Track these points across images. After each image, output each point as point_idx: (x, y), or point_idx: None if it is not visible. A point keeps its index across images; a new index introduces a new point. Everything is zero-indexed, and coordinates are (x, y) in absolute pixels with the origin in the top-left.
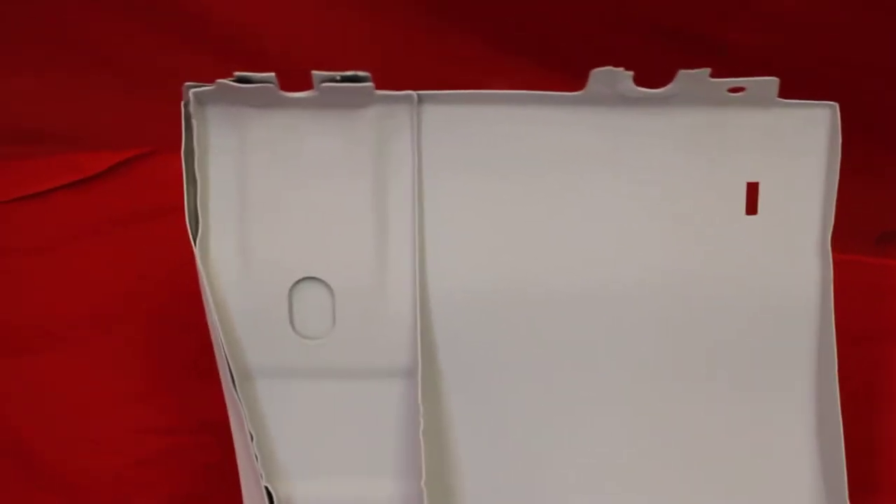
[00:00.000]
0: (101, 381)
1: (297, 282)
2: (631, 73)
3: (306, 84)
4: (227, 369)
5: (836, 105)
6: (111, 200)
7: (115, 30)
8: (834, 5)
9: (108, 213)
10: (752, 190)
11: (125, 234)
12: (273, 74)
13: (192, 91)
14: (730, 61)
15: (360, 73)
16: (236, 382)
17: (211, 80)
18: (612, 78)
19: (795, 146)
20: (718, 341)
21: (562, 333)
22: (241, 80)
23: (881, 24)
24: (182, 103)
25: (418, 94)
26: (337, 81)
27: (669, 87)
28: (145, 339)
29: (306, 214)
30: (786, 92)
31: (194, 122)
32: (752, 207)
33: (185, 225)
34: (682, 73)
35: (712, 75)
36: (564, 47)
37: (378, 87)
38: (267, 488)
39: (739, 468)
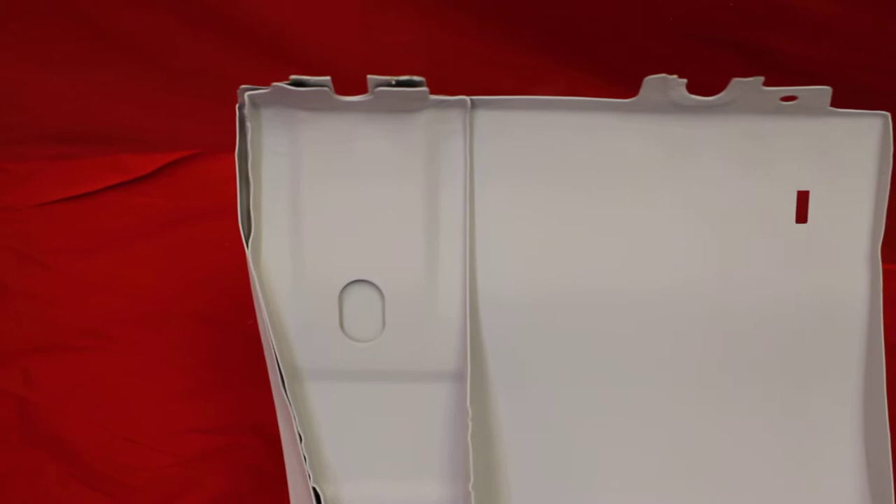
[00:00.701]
0: (148, 380)
1: (348, 284)
2: (684, 80)
3: (353, 88)
4: (277, 370)
5: (888, 115)
6: (158, 201)
7: (163, 33)
8: (884, 14)
9: (155, 213)
10: (803, 198)
11: (172, 235)
12: (328, 78)
13: (248, 94)
14: (779, 70)
15: (415, 78)
16: (286, 384)
17: (258, 84)
18: (664, 85)
19: (846, 155)
20: (767, 349)
21: (609, 339)
22: (296, 83)
23: None
24: (237, 106)
25: (472, 100)
26: (392, 86)
27: (722, 94)
28: (192, 340)
29: (358, 218)
30: (836, 101)
31: (248, 125)
32: (801, 216)
33: (231, 226)
34: (735, 81)
35: (765, 84)
36: (612, 55)
37: (428, 92)
38: (315, 489)
39: (786, 475)
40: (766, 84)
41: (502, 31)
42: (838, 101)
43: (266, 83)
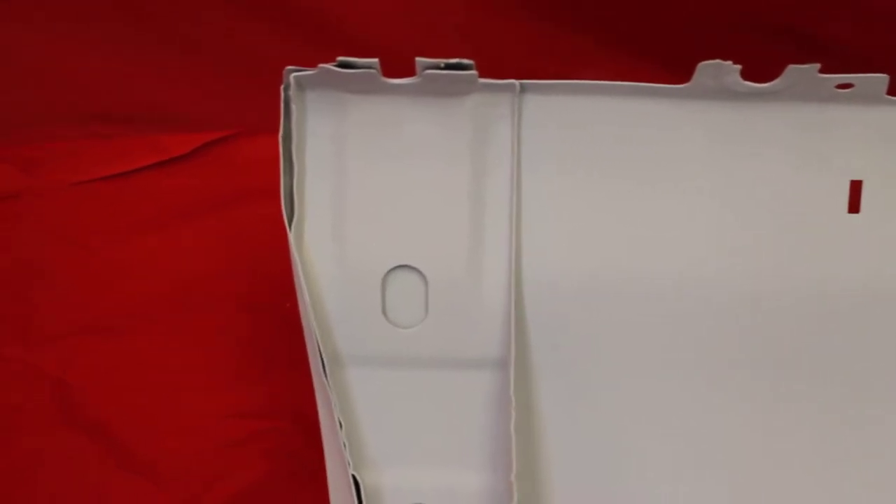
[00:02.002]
0: (187, 364)
1: (391, 270)
2: (738, 66)
3: (397, 70)
4: (318, 356)
5: None
6: (196, 181)
7: (203, 13)
8: None
9: (194, 194)
10: (856, 188)
11: (209, 217)
12: (376, 60)
13: (293, 75)
14: (832, 58)
15: (465, 61)
16: (327, 369)
17: (299, 64)
18: (718, 71)
19: None
20: (817, 343)
21: (657, 330)
22: (343, 65)
23: None
24: (282, 87)
25: (521, 84)
26: (440, 69)
27: (777, 81)
28: (233, 324)
29: (402, 202)
30: (894, 90)
31: (293, 107)
32: (854, 205)
33: (270, 209)
34: (791, 68)
35: (820, 72)
36: (662, 41)
37: (477, 76)
38: (354, 476)
39: (848, 470)
40: (821, 72)
41: (549, 14)
42: None
43: (307, 64)
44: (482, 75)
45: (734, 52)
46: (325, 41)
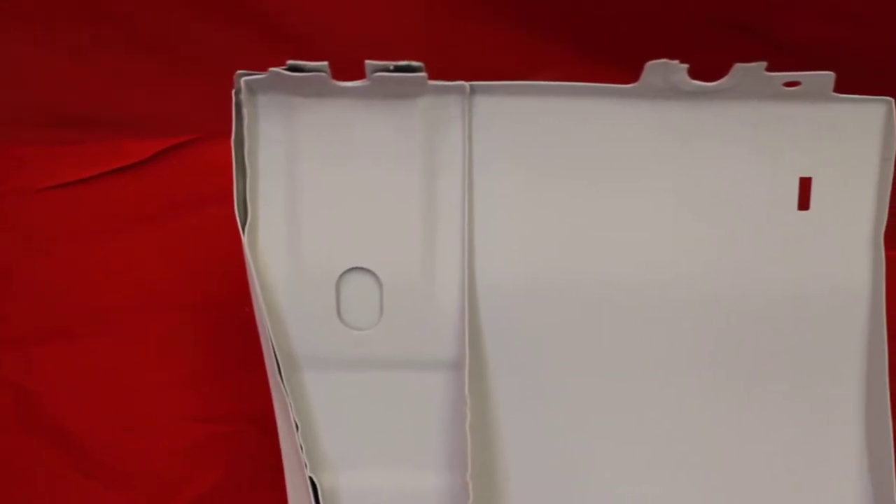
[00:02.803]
0: (146, 368)
1: (345, 272)
2: (685, 65)
3: (353, 73)
4: (274, 359)
5: (892, 100)
6: (157, 187)
7: (161, 16)
8: None
9: (154, 199)
10: (805, 185)
11: (171, 221)
12: (326, 63)
13: (244, 79)
14: (785, 55)
15: (413, 63)
16: (282, 372)
17: (257, 68)
18: (666, 70)
19: (850, 141)
20: (768, 337)
21: (609, 328)
22: (293, 68)
23: None
24: (233, 91)
25: (471, 85)
26: (390, 71)
27: (724, 80)
28: (191, 327)
29: (355, 205)
30: (844, 87)
31: (245, 111)
32: (804, 203)
33: (232, 212)
34: (737, 66)
35: (768, 69)
36: (616, 39)
37: (429, 78)
38: (311, 479)
39: (786, 465)
40: (773, 68)
41: (506, 16)
42: (850, 87)
43: (267, 68)
44: (440, 77)
45: (692, 51)
46: (285, 45)
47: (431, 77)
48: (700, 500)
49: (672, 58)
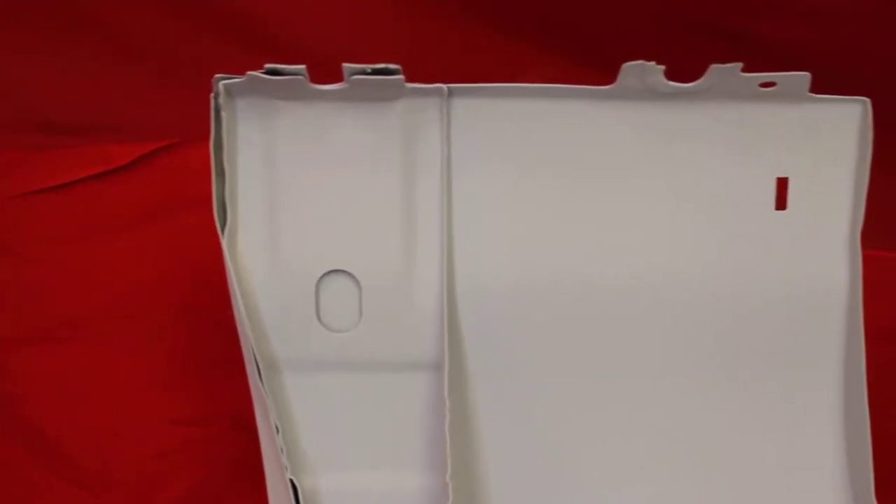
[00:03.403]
0: (126, 371)
1: (325, 274)
2: (662, 67)
3: (333, 76)
4: (254, 361)
5: (868, 101)
6: (138, 191)
7: (143, 21)
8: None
9: (136, 203)
10: (782, 185)
11: (152, 225)
12: (303, 67)
13: (222, 83)
14: (764, 56)
15: (391, 66)
16: (262, 375)
17: (237, 72)
18: (642, 72)
19: (826, 141)
20: (747, 336)
21: (588, 328)
22: (271, 72)
23: None
24: (212, 95)
25: (448, 88)
26: (367, 74)
27: (700, 81)
28: (172, 331)
29: (334, 207)
30: (820, 87)
31: (223, 114)
32: (781, 203)
33: (211, 216)
34: (713, 67)
35: (745, 70)
36: (596, 42)
37: (407, 81)
38: (292, 481)
39: (765, 463)
40: (751, 70)
41: (486, 19)
42: (829, 89)
43: (246, 72)
44: (421, 80)
45: (671, 53)
46: (266, 51)
47: (411, 80)
48: (683, 498)
49: (651, 60)
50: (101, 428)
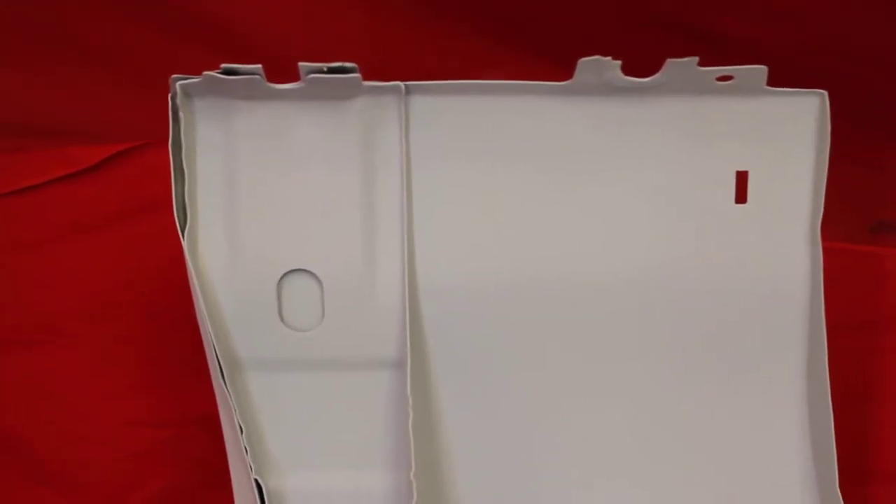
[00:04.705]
0: (95, 374)
1: (286, 274)
2: (618, 62)
3: (297, 76)
4: (216, 362)
5: (825, 93)
6: (105, 194)
7: (107, 23)
8: None
9: (102, 206)
10: (742, 178)
11: (119, 228)
12: (259, 66)
13: (179, 84)
14: (727, 51)
15: (347, 65)
16: (225, 375)
17: (203, 73)
18: (599, 67)
19: (784, 134)
20: (709, 329)
21: (551, 324)
22: (227, 71)
23: (879, 14)
24: (169, 96)
25: (406, 85)
26: (324, 73)
27: (657, 76)
28: (139, 333)
29: (294, 206)
30: (783, 81)
31: (181, 115)
32: (741, 196)
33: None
34: (669, 61)
35: (707, 64)
36: (559, 38)
37: (374, 79)
38: (257, 481)
39: (730, 455)
40: (718, 65)
41: (447, 16)
42: (791, 83)
43: (203, 72)
44: (384, 78)
45: (630, 48)
46: (231, 51)
47: (373, 79)
48: (649, 493)
49: (614, 55)
50: (72, 430)
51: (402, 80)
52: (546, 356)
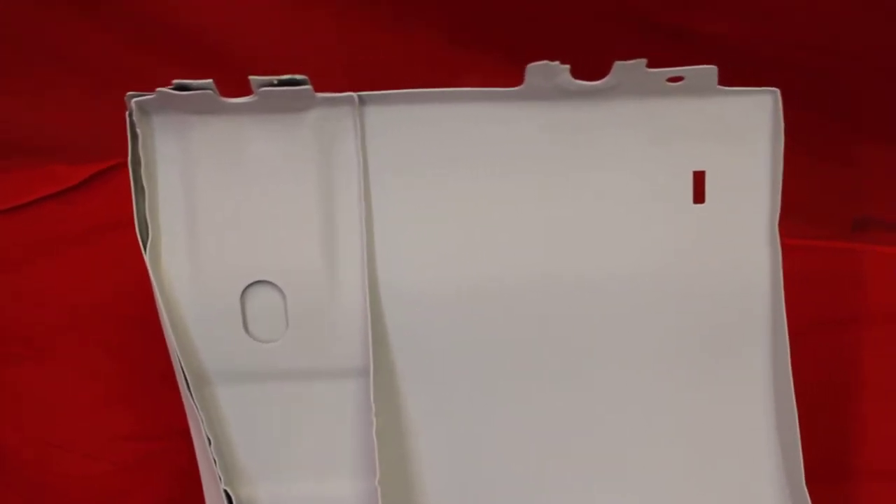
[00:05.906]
0: (79, 388)
1: (249, 286)
2: (567, 66)
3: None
4: (182, 375)
5: (777, 91)
6: (90, 211)
7: (91, 41)
8: None
9: (87, 223)
10: (699, 178)
11: (102, 243)
12: (211, 81)
13: (135, 101)
14: (706, 50)
15: (298, 77)
16: (192, 388)
17: (157, 90)
18: (549, 72)
19: (739, 133)
20: (673, 330)
21: (513, 328)
22: (180, 87)
23: (858, 11)
24: (126, 113)
25: (359, 96)
26: (275, 85)
27: (607, 79)
28: (121, 347)
29: (254, 218)
30: (757, 80)
31: (139, 132)
32: (699, 196)
33: None
34: (617, 64)
35: (681, 64)
36: (533, 43)
37: (345, 90)
38: (227, 492)
39: (701, 455)
40: (692, 64)
41: (422, 26)
42: (766, 81)
43: (156, 88)
44: (355, 88)
45: (603, 49)
46: (209, 66)
47: (350, 89)
48: (620, 496)
49: (589, 57)
50: (55, 444)
51: (374, 89)
52: (508, 360)
